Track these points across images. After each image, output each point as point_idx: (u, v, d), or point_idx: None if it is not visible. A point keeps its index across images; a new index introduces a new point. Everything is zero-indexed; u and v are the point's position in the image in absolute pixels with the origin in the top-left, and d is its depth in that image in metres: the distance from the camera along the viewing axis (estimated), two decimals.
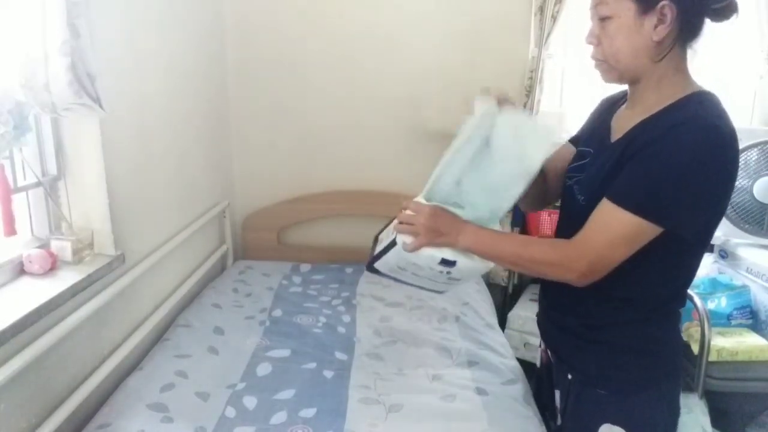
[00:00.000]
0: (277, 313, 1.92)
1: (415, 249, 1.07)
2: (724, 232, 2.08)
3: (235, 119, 2.44)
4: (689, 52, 1.00)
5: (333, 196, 2.46)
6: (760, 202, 1.99)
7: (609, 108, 1.16)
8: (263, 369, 1.56)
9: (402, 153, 2.45)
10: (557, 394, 1.19)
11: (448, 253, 1.06)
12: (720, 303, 1.93)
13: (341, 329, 1.82)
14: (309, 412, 1.37)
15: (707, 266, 2.17)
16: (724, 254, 2.13)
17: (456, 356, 1.65)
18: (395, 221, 1.12)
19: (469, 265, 1.09)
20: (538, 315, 1.26)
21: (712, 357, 1.72)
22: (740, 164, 2.01)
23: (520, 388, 1.51)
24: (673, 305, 1.08)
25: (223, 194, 2.37)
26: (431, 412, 1.37)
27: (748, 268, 2.00)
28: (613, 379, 1.08)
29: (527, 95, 2.35)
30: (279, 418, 1.35)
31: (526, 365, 1.72)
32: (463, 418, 1.36)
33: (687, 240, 0.97)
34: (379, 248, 1.17)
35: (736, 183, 1.98)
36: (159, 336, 1.70)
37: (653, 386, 1.07)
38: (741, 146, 2.00)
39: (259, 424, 1.32)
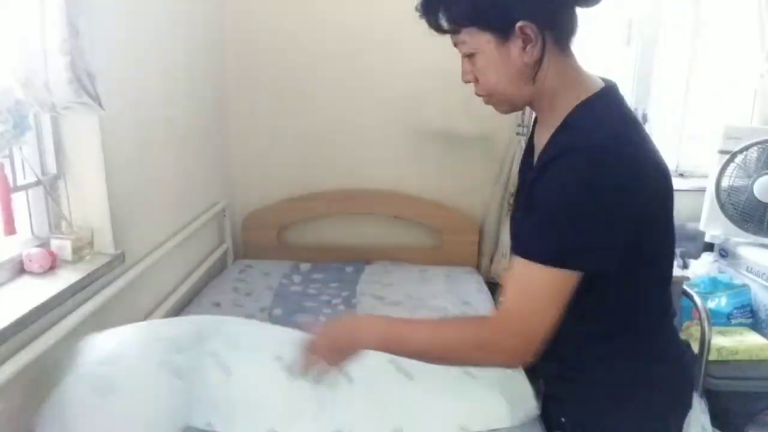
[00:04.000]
0: (277, 312, 1.92)
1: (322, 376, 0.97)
2: (724, 231, 2.08)
3: (235, 118, 2.44)
4: (573, 48, 0.91)
5: (333, 195, 2.46)
6: (760, 201, 1.99)
7: (534, 125, 1.07)
8: None
9: (402, 152, 2.45)
10: None
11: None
12: (720, 302, 1.93)
13: None
14: None
15: (707, 265, 2.17)
16: (724, 253, 2.13)
17: None
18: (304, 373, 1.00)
19: None
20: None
21: (712, 356, 1.72)
22: (740, 163, 2.01)
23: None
24: (657, 330, 0.99)
25: (223, 193, 2.37)
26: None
27: (748, 268, 2.00)
28: (610, 422, 0.98)
29: None
30: None
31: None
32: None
33: (616, 272, 0.84)
34: None
35: (737, 183, 2.00)
36: None
37: (658, 419, 0.99)
38: (741, 145, 2.01)
39: None
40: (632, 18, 2.49)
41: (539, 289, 0.83)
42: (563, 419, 1.05)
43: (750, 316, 1.93)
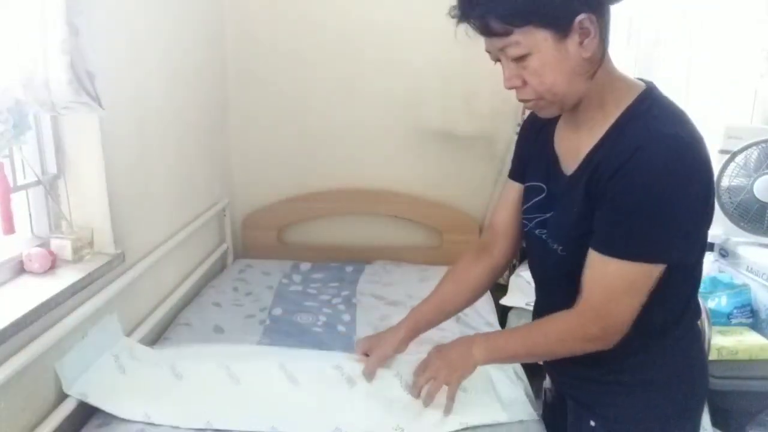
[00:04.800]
0: (277, 311, 1.91)
1: (453, 397, 1.07)
2: (724, 230, 2.08)
3: (235, 118, 2.44)
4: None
5: (333, 194, 2.46)
6: (761, 201, 1.99)
7: (539, 132, 1.05)
8: None
9: (402, 151, 2.45)
10: None
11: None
12: (720, 302, 1.93)
13: (341, 328, 1.82)
14: None
15: (707, 265, 2.17)
16: (725, 253, 2.13)
17: None
18: (419, 395, 1.13)
19: None
20: (544, 362, 1.17)
21: (713, 356, 1.72)
22: (741, 163, 2.01)
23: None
24: (687, 321, 1.00)
25: (223, 192, 2.37)
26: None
27: (748, 267, 1.99)
28: (643, 419, 0.99)
29: None
30: None
31: (525, 364, 1.71)
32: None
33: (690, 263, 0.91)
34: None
35: (737, 182, 2.00)
36: (159, 335, 1.70)
37: (687, 417, 1.01)
38: (741, 145, 2.01)
39: None
40: (632, 18, 2.49)
41: (620, 282, 0.86)
42: (593, 423, 1.03)
43: (750, 316, 1.93)
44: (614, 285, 0.87)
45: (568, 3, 0.81)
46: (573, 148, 0.95)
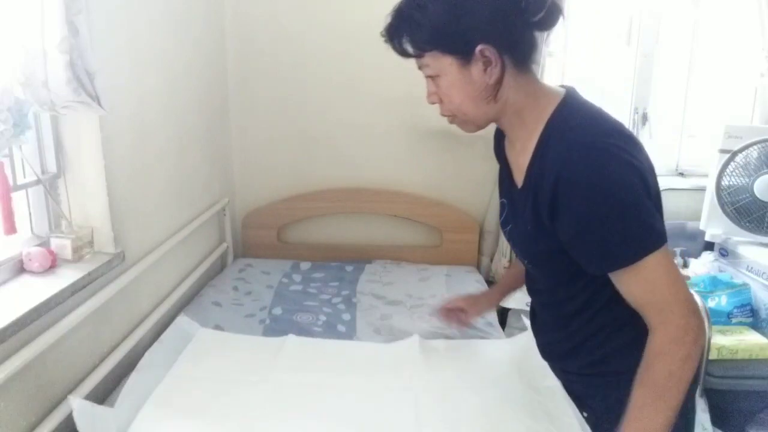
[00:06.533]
0: (277, 311, 1.91)
1: None
2: (724, 230, 2.08)
3: (235, 117, 2.44)
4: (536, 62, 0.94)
5: (333, 194, 2.46)
6: (761, 201, 1.99)
7: (499, 145, 1.13)
8: None
9: (402, 151, 2.45)
10: None
11: None
12: (720, 301, 1.93)
13: (341, 327, 1.82)
14: None
15: (707, 264, 2.17)
16: (725, 252, 2.13)
17: None
18: None
19: None
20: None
21: (713, 355, 1.72)
22: (741, 162, 2.01)
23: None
24: None
25: (223, 192, 2.37)
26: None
27: (748, 267, 2.00)
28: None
29: None
30: None
31: None
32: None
33: None
34: None
35: (737, 182, 2.00)
36: (159, 334, 1.70)
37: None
38: (742, 144, 2.01)
39: None
40: (632, 18, 2.49)
41: (657, 276, 0.85)
42: (585, 414, 1.09)
43: (750, 315, 1.93)
44: (656, 282, 0.85)
45: (466, 34, 0.88)
46: (517, 162, 1.00)
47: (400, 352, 1.61)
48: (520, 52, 0.91)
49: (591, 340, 1.01)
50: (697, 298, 1.69)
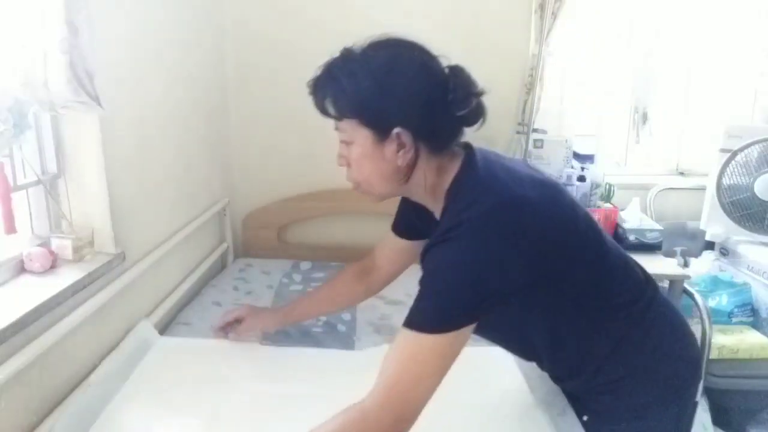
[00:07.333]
0: None
1: None
2: (724, 229, 2.08)
3: (236, 117, 2.44)
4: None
5: (333, 194, 2.46)
6: (761, 200, 1.99)
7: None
8: None
9: None
10: None
11: None
12: (721, 301, 1.93)
13: (341, 327, 1.82)
14: None
15: (708, 264, 2.17)
16: (725, 252, 2.13)
17: None
18: None
19: None
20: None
21: (713, 355, 1.72)
22: (741, 162, 2.01)
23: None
24: (635, 315, 1.00)
25: (224, 192, 2.37)
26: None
27: (748, 266, 2.00)
28: (628, 409, 1.03)
29: (528, 93, 2.35)
30: None
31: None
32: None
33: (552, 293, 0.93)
34: None
35: (737, 181, 2.00)
36: (159, 334, 1.70)
37: (672, 400, 1.03)
38: (742, 144, 2.01)
39: None
40: (632, 18, 2.49)
41: (412, 360, 0.84)
42: (585, 418, 1.09)
43: (751, 315, 1.93)
44: (394, 360, 0.86)
45: (387, 113, 0.88)
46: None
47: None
48: (437, 140, 0.92)
49: (578, 364, 1.03)
50: (698, 299, 1.70)
